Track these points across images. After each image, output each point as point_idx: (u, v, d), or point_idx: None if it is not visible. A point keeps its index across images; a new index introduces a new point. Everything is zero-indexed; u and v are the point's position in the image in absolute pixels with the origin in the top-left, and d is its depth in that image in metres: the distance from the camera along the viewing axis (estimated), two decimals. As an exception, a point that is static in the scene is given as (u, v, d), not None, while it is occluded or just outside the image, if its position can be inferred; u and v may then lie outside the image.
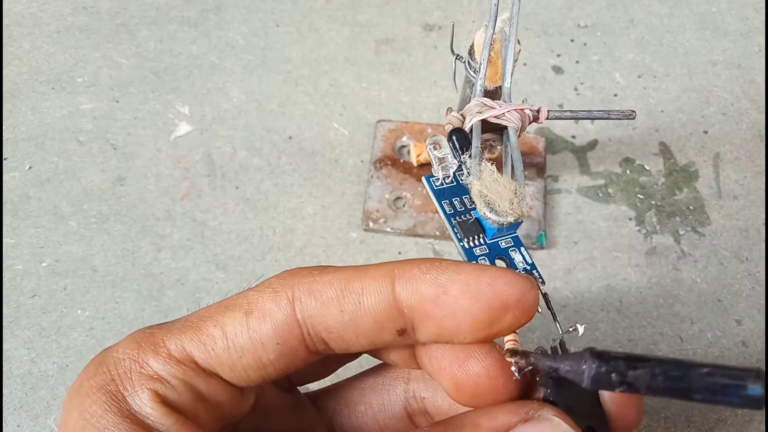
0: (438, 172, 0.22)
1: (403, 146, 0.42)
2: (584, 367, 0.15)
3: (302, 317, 0.17)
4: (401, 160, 0.41)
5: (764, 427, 0.34)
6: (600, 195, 0.41)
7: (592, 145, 0.43)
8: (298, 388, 0.23)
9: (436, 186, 0.22)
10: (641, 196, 0.41)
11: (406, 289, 0.17)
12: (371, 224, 0.39)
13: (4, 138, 0.43)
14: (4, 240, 0.39)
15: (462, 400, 0.19)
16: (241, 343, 0.17)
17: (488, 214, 0.21)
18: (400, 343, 0.18)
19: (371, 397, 0.22)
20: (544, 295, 0.20)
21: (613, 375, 0.15)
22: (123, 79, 0.46)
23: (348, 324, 0.17)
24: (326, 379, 0.23)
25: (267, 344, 0.17)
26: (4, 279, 0.38)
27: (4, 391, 0.35)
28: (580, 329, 0.19)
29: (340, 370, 0.23)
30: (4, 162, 0.42)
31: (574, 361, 0.16)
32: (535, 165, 0.41)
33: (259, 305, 0.17)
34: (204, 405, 0.17)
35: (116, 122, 0.44)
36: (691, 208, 0.41)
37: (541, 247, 0.39)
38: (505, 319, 0.17)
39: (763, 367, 0.15)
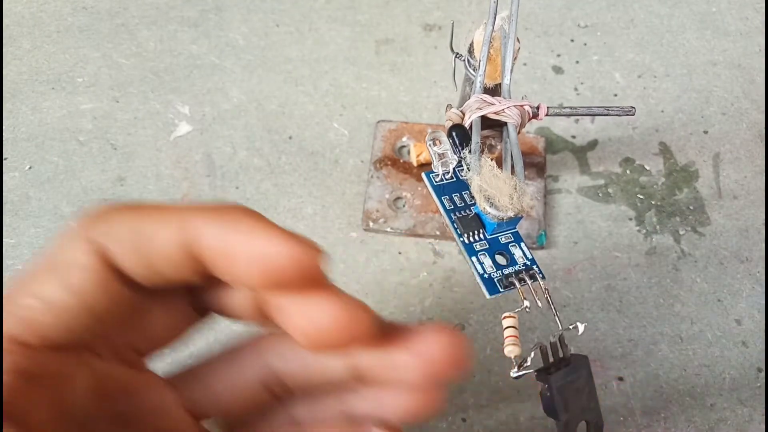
0: (438, 168, 0.22)
1: (403, 146, 0.42)
2: None
3: (107, 259, 0.17)
4: (401, 160, 0.41)
5: (764, 427, 0.34)
6: (600, 195, 0.41)
7: (592, 145, 0.43)
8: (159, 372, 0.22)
9: (436, 182, 0.22)
10: (641, 196, 0.41)
11: (199, 234, 0.17)
12: (371, 224, 0.39)
13: (4, 138, 0.43)
14: (4, 240, 0.39)
15: (314, 348, 0.18)
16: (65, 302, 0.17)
17: (488, 209, 0.20)
18: (211, 285, 0.19)
19: (225, 371, 0.22)
20: (545, 291, 0.20)
21: None
22: (123, 79, 0.46)
23: (146, 264, 0.17)
24: (179, 360, 0.23)
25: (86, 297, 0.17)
26: (4, 279, 0.38)
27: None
28: (581, 328, 0.19)
29: (195, 351, 0.22)
30: (4, 162, 0.42)
31: None
32: (535, 165, 0.41)
33: (67, 260, 0.17)
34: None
35: (116, 122, 0.44)
36: (691, 208, 0.41)
37: (541, 247, 0.39)
38: (287, 275, 0.17)
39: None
